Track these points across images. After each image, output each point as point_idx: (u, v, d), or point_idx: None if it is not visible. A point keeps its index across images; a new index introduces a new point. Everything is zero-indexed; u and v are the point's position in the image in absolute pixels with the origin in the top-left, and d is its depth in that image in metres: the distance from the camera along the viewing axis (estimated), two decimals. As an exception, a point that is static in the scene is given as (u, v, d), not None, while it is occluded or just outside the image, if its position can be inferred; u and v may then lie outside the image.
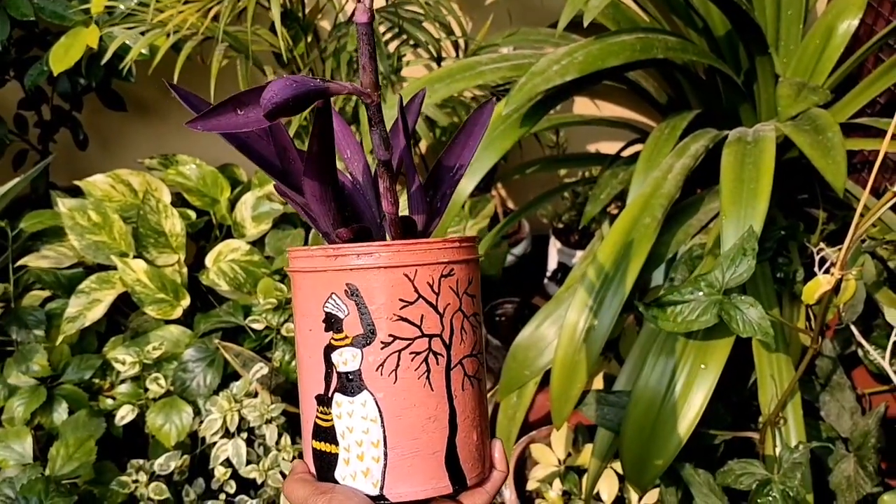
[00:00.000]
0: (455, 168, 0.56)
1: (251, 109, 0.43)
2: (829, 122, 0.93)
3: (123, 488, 1.14)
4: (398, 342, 0.49)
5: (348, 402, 0.50)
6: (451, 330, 0.51)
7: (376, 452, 0.50)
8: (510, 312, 1.68)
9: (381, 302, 0.49)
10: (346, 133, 0.59)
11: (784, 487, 0.76)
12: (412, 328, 0.50)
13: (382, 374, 0.49)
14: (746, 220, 0.83)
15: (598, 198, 1.18)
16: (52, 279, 1.34)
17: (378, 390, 0.50)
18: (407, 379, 0.50)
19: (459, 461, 0.52)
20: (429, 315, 0.50)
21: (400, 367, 0.50)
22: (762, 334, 0.75)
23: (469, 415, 0.53)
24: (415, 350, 0.50)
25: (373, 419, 0.50)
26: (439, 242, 0.50)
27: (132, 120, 1.74)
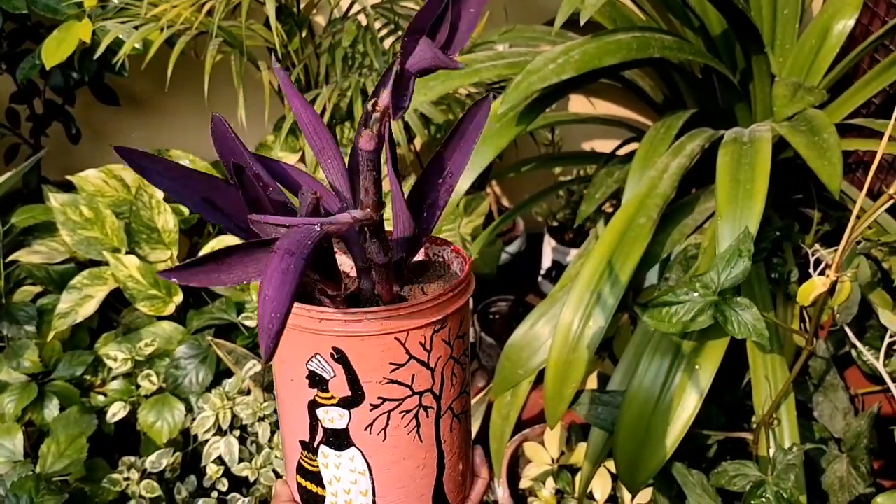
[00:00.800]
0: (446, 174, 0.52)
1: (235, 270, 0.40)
2: (824, 123, 0.93)
3: (115, 486, 1.13)
4: (388, 403, 0.47)
5: (335, 455, 0.49)
6: (442, 380, 0.49)
7: (364, 500, 0.50)
8: (504, 310, 1.68)
9: (370, 366, 0.46)
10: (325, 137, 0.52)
11: (778, 489, 0.76)
12: (402, 389, 0.47)
13: (371, 433, 0.48)
14: (742, 220, 0.83)
15: (594, 196, 1.18)
16: (44, 274, 1.33)
17: (366, 447, 0.48)
18: (397, 436, 0.48)
19: (445, 494, 0.52)
20: (420, 373, 0.48)
21: (389, 425, 0.48)
22: (757, 336, 0.75)
23: (456, 451, 0.52)
24: (405, 409, 0.48)
25: (361, 472, 0.49)
26: (432, 301, 0.47)
27: (125, 114, 1.73)
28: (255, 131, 1.42)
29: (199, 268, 0.39)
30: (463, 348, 0.51)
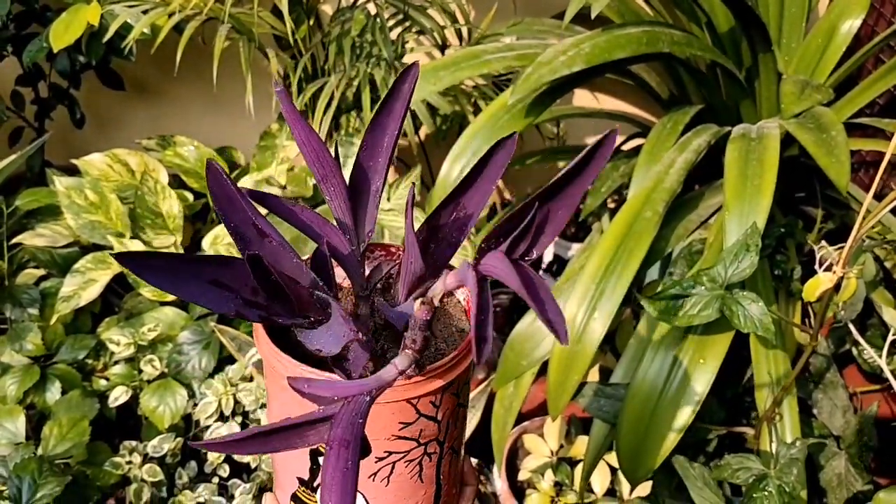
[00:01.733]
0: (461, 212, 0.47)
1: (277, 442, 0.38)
2: (832, 121, 0.94)
3: (117, 469, 1.14)
4: (393, 455, 0.47)
5: None
6: (447, 428, 0.49)
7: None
8: (505, 303, 1.68)
9: (379, 427, 0.45)
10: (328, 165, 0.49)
11: (780, 483, 0.77)
12: (409, 442, 0.47)
13: (374, 480, 0.47)
14: (750, 215, 0.83)
15: (599, 191, 1.18)
16: (47, 258, 1.33)
17: (369, 492, 0.48)
18: (399, 481, 0.48)
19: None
20: (427, 427, 0.47)
21: (393, 473, 0.47)
22: (763, 330, 0.76)
23: (452, 480, 0.52)
24: (409, 458, 0.47)
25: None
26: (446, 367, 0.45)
27: (130, 100, 1.73)
28: (262, 119, 1.42)
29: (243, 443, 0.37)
30: (467, 391, 0.51)
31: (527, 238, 0.41)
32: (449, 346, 0.50)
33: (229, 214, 0.44)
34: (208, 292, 0.41)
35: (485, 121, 1.07)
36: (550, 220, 0.41)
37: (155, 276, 0.39)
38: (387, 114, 0.48)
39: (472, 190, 0.45)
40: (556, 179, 0.40)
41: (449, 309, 0.53)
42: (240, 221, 0.44)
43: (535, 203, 0.40)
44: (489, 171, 0.45)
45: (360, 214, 0.49)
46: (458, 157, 1.06)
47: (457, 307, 0.54)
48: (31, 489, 0.99)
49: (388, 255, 0.55)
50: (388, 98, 0.48)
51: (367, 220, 0.49)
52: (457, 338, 0.51)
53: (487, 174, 0.45)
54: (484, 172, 0.45)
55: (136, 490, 1.15)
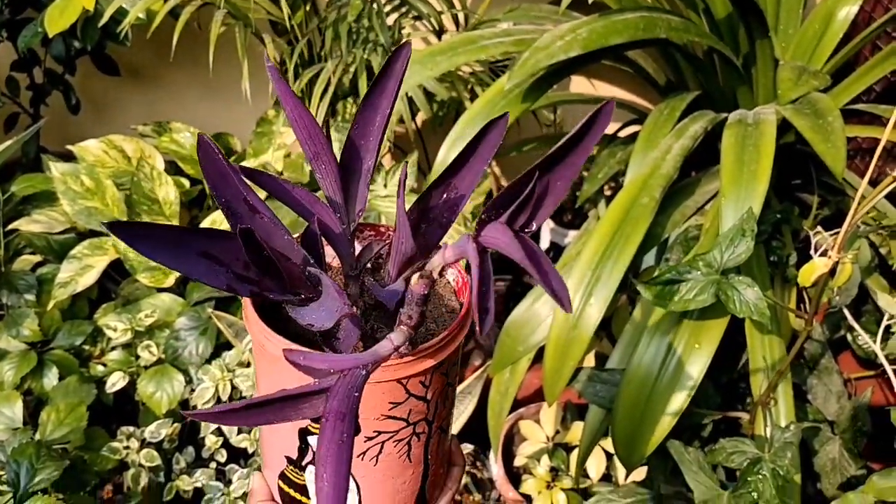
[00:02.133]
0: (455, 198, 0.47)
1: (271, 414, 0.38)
2: (829, 107, 0.94)
3: (114, 454, 1.14)
4: (382, 435, 0.47)
5: None
6: (436, 407, 0.49)
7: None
8: (501, 290, 1.69)
9: (369, 406, 0.45)
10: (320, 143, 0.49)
11: (774, 466, 0.77)
12: (398, 422, 0.47)
13: (363, 459, 0.47)
14: (746, 201, 0.83)
15: (596, 177, 1.18)
16: (44, 244, 1.33)
17: (357, 471, 0.48)
18: (388, 460, 0.48)
19: (426, 497, 0.52)
20: (416, 407, 0.47)
21: (382, 453, 0.47)
22: (758, 315, 0.76)
23: (439, 460, 0.52)
24: (398, 438, 0.47)
25: (350, 490, 0.48)
26: (438, 344, 0.45)
27: (126, 85, 1.73)
28: (259, 105, 1.42)
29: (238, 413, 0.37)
30: (456, 370, 0.51)
31: (527, 209, 0.40)
32: (439, 327, 0.50)
33: (221, 190, 0.44)
34: (200, 264, 0.41)
35: (481, 106, 1.07)
36: (550, 191, 0.41)
37: (147, 246, 0.39)
38: (379, 93, 0.48)
39: (463, 170, 0.45)
40: (554, 149, 0.40)
41: (439, 290, 0.53)
42: (231, 197, 0.44)
43: (534, 173, 0.39)
44: (481, 151, 0.45)
45: (351, 193, 0.49)
46: (454, 142, 1.06)
47: (446, 288, 0.53)
48: (28, 474, 0.99)
49: (378, 235, 0.55)
50: (381, 77, 0.48)
51: (357, 199, 0.49)
52: (447, 318, 0.51)
53: (479, 154, 0.45)
54: (475, 152, 0.45)
55: (133, 475, 1.15)
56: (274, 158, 1.44)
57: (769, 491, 0.77)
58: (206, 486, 1.16)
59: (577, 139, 0.40)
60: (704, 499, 0.85)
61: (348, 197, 0.49)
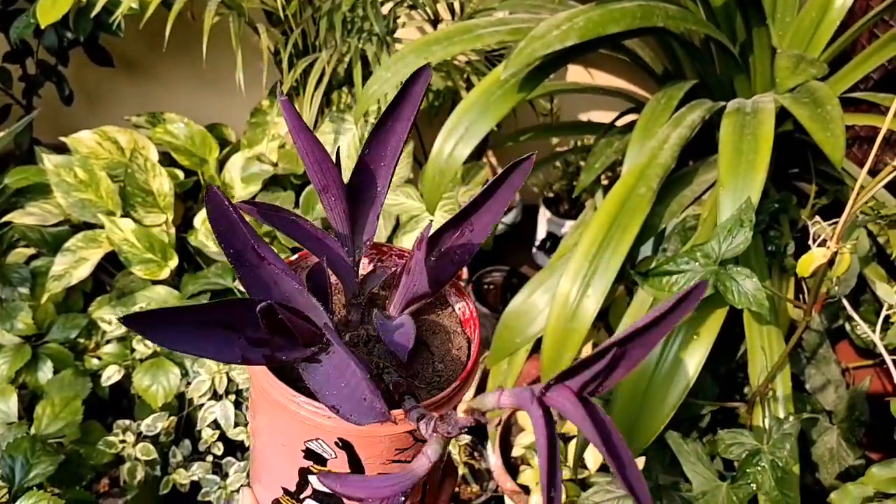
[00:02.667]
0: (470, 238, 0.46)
1: None
2: (827, 95, 0.93)
3: (110, 448, 1.14)
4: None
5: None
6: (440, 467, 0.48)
7: None
8: (498, 281, 1.68)
9: (376, 454, 0.44)
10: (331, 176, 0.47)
11: (773, 458, 0.77)
12: (402, 465, 0.45)
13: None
14: (744, 191, 0.83)
15: (593, 167, 1.17)
16: (38, 236, 1.32)
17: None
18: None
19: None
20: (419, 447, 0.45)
21: None
22: (757, 306, 0.75)
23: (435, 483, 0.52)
24: None
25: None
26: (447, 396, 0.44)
27: (119, 76, 1.71)
28: (253, 95, 1.41)
29: None
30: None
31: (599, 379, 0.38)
32: (447, 367, 0.48)
33: (230, 240, 0.43)
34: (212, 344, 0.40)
35: (477, 96, 1.06)
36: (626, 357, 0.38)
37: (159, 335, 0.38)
38: (395, 115, 0.47)
39: (481, 210, 0.45)
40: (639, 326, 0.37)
41: (444, 322, 0.51)
42: (241, 247, 0.43)
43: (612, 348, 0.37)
44: (502, 193, 0.45)
45: (360, 222, 0.48)
46: (450, 132, 1.05)
47: (452, 318, 0.52)
48: (23, 468, 0.99)
49: (380, 253, 0.53)
50: (398, 99, 0.46)
51: (366, 229, 0.48)
52: (454, 355, 0.49)
53: (499, 195, 0.45)
54: (496, 193, 0.45)
55: (129, 469, 1.15)
56: (268, 149, 1.43)
57: (768, 483, 0.76)
58: (202, 480, 1.15)
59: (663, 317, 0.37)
60: (703, 490, 0.85)
61: (356, 227, 0.48)
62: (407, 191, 1.31)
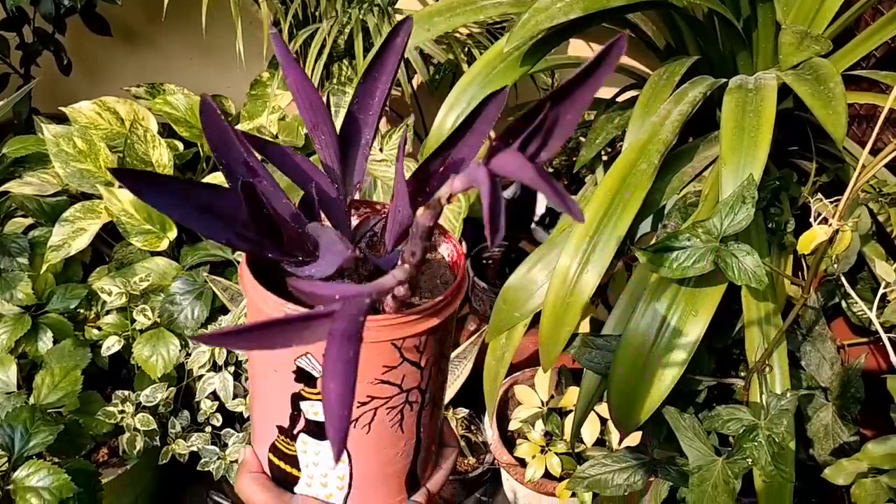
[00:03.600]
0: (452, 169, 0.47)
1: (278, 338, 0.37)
2: (831, 72, 0.93)
3: (109, 418, 1.14)
4: (376, 401, 0.47)
5: (315, 444, 0.48)
6: (430, 377, 0.49)
7: (341, 483, 0.50)
8: (497, 256, 1.68)
9: (364, 369, 0.45)
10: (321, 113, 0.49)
11: (770, 433, 0.78)
12: (392, 388, 0.47)
13: (356, 427, 0.47)
14: (746, 167, 0.82)
15: (594, 142, 1.17)
16: (36, 206, 1.32)
17: (350, 440, 0.48)
18: (380, 429, 0.48)
19: (417, 474, 0.52)
20: (410, 373, 0.47)
21: (375, 420, 0.47)
22: (757, 283, 0.76)
23: (432, 434, 0.52)
24: (391, 405, 0.48)
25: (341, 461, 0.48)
26: (431, 308, 0.45)
27: (117, 46, 1.70)
28: (252, 67, 1.40)
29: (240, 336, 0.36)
30: (447, 348, 0.51)
31: (538, 137, 0.39)
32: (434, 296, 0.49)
33: (222, 152, 0.44)
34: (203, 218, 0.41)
35: (479, 70, 1.05)
36: (559, 123, 0.40)
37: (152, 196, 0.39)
38: (379, 66, 0.48)
39: (460, 143, 0.46)
40: (565, 83, 0.39)
41: (433, 264, 0.53)
42: (232, 160, 0.44)
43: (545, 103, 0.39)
44: (479, 125, 0.45)
45: (350, 164, 0.49)
46: (452, 106, 1.05)
47: (441, 262, 0.53)
48: (23, 438, 0.99)
49: (374, 211, 0.55)
50: (381, 51, 0.48)
51: (356, 171, 0.49)
52: (441, 290, 0.51)
53: (478, 127, 0.46)
54: (474, 125, 0.45)
55: (129, 439, 1.16)
56: (269, 121, 1.42)
57: (764, 458, 0.77)
58: (201, 450, 1.16)
59: (588, 73, 0.39)
60: (699, 464, 0.85)
61: (346, 167, 0.49)
62: (408, 164, 1.31)
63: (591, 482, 1.00)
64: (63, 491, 0.94)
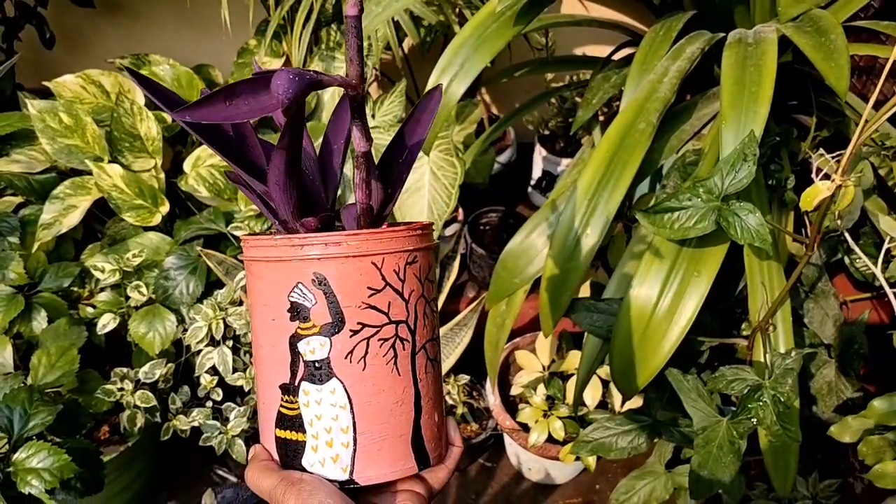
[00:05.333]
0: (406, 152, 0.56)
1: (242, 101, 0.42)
2: (831, 24, 0.90)
3: (109, 396, 1.13)
4: (367, 329, 0.49)
5: (316, 391, 0.50)
6: (416, 315, 0.52)
7: (346, 438, 0.50)
8: (494, 221, 1.67)
9: (350, 290, 0.49)
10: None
11: (775, 393, 0.77)
12: (380, 315, 0.50)
13: (351, 361, 0.49)
14: (747, 124, 0.81)
15: (591, 102, 1.15)
16: (25, 184, 1.29)
17: (347, 377, 0.50)
18: (375, 365, 0.50)
19: (424, 441, 0.53)
20: (395, 302, 0.50)
21: (369, 353, 0.50)
22: (760, 241, 0.74)
23: (431, 396, 0.54)
24: (383, 337, 0.50)
25: (342, 406, 0.50)
26: (404, 230, 0.51)
27: (100, 17, 1.67)
28: (239, 35, 1.37)
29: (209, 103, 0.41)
30: (433, 294, 0.54)
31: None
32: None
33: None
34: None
35: (471, 31, 1.03)
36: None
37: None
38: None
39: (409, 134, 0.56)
40: None
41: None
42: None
43: None
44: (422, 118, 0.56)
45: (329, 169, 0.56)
46: (444, 70, 1.03)
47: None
48: (22, 419, 0.98)
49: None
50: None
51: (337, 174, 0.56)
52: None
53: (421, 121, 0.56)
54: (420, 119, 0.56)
55: (129, 416, 1.15)
56: (258, 91, 1.39)
57: (770, 417, 0.76)
58: (203, 425, 1.16)
59: None
60: (703, 425, 0.85)
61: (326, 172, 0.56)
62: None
63: (595, 445, 1.00)
64: (64, 471, 0.93)
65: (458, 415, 1.43)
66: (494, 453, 1.52)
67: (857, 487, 1.26)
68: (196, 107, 0.41)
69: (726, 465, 0.82)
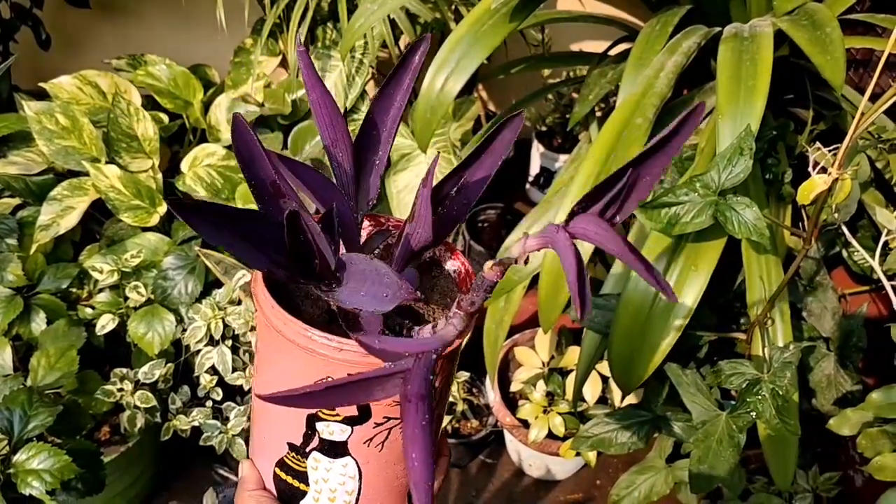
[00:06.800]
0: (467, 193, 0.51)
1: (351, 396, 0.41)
2: (827, 17, 0.90)
3: (109, 397, 1.13)
4: (391, 421, 0.48)
5: (328, 461, 0.49)
6: (441, 394, 0.51)
7: (349, 498, 0.50)
8: (493, 219, 1.67)
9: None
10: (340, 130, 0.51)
11: (774, 387, 0.77)
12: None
13: (370, 446, 0.49)
14: (744, 118, 0.81)
15: (587, 98, 1.15)
16: (22, 186, 1.29)
17: (362, 457, 0.49)
18: (392, 447, 0.49)
19: None
20: None
21: (388, 439, 0.49)
22: (758, 235, 0.74)
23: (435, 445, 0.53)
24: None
25: (352, 476, 0.50)
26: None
27: (96, 18, 1.66)
28: (235, 34, 1.37)
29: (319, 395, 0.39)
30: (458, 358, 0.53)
31: (617, 203, 0.41)
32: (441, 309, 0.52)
33: (252, 171, 0.45)
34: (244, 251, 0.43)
35: (467, 28, 1.03)
36: (636, 187, 0.42)
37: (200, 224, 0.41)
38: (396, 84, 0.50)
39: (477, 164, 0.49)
40: (643, 151, 0.41)
41: (440, 282, 0.55)
42: (259, 179, 0.45)
43: (627, 169, 0.40)
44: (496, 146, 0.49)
45: (363, 182, 0.51)
46: (440, 67, 1.03)
47: (448, 279, 0.55)
48: (22, 420, 0.98)
49: (378, 224, 0.56)
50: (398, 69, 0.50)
51: (370, 189, 0.51)
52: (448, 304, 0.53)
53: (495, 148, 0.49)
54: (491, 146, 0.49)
55: (129, 417, 1.15)
56: (254, 89, 1.39)
57: (769, 411, 0.76)
58: (203, 425, 1.16)
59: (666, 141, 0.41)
60: (703, 420, 0.85)
61: (360, 185, 0.51)
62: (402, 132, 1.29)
63: (595, 441, 1.00)
64: (65, 472, 0.93)
65: (458, 412, 1.43)
66: (495, 450, 1.53)
67: (858, 480, 1.27)
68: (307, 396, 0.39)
69: (726, 458, 0.82)
